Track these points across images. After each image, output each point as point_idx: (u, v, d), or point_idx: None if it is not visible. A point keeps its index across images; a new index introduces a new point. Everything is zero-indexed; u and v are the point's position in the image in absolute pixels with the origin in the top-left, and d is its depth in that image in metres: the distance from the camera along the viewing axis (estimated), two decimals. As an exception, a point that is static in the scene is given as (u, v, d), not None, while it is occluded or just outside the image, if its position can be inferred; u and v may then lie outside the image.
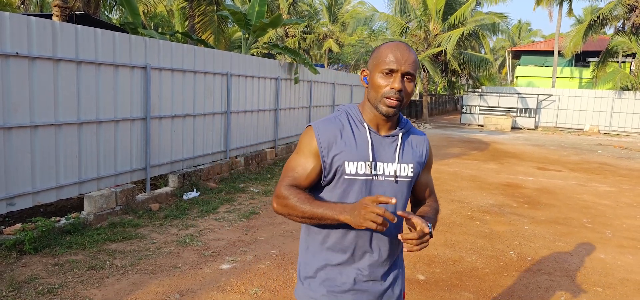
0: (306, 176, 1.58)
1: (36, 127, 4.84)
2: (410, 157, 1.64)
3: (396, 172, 1.60)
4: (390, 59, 1.51)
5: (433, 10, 22.52)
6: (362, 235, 1.60)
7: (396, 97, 1.51)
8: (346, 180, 1.56)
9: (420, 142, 1.71)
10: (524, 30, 54.29)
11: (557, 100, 23.80)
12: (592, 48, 30.28)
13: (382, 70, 1.52)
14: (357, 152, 1.56)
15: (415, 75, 1.54)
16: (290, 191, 1.54)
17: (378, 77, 1.53)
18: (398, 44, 1.55)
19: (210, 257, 4.56)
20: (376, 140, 1.60)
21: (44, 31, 4.83)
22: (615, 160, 12.93)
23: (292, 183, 1.58)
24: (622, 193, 8.47)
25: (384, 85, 1.52)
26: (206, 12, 13.59)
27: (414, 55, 1.55)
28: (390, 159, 1.60)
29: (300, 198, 1.51)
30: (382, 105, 1.53)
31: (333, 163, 1.56)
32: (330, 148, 1.56)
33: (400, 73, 1.51)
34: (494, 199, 7.53)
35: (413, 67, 1.52)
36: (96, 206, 5.30)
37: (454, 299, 3.86)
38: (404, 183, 1.63)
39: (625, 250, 5.26)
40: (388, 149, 1.61)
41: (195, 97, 7.43)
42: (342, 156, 1.55)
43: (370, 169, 1.57)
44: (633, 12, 23.90)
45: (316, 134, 1.58)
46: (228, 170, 8.38)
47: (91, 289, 3.74)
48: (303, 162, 1.59)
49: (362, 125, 1.61)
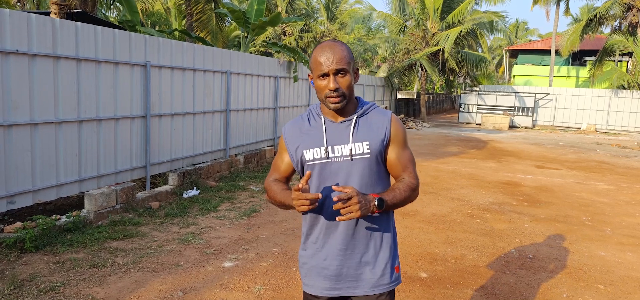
0: (282, 169, 1.91)
1: (36, 125, 4.82)
2: (366, 135, 1.75)
3: (351, 151, 1.74)
4: (320, 63, 1.67)
5: (431, 9, 22.54)
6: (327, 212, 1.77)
7: (335, 95, 1.68)
8: (308, 166, 1.77)
9: (380, 120, 1.80)
10: (521, 29, 54.40)
11: (554, 99, 23.87)
12: (589, 47, 30.39)
13: (317, 74, 1.70)
14: (313, 140, 1.78)
15: (347, 68, 1.68)
16: (271, 183, 1.88)
17: (317, 81, 1.71)
18: (324, 47, 1.69)
19: (212, 255, 4.55)
20: (331, 127, 1.78)
21: (44, 28, 4.80)
22: (613, 159, 12.98)
23: (274, 177, 1.92)
24: (620, 191, 8.50)
25: (323, 87, 1.70)
26: (204, 10, 13.55)
27: (340, 51, 1.67)
28: (344, 141, 1.75)
29: (277, 187, 1.83)
30: (328, 103, 1.71)
31: (297, 154, 1.81)
32: (293, 142, 1.83)
33: (332, 73, 1.67)
34: (494, 197, 7.55)
35: (341, 62, 1.66)
36: (96, 204, 5.28)
37: (456, 297, 3.86)
38: (362, 160, 1.74)
39: (625, 248, 5.28)
40: (343, 132, 1.76)
41: (194, 95, 7.41)
42: (302, 147, 1.79)
43: (325, 153, 1.75)
44: (630, 11, 24.00)
45: (284, 133, 1.88)
46: (228, 168, 8.36)
47: (93, 287, 3.72)
48: (279, 159, 1.93)
49: (319, 117, 1.81)
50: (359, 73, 2.66)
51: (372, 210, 1.63)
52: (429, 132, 19.29)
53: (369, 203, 1.61)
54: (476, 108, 24.77)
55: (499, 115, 23.28)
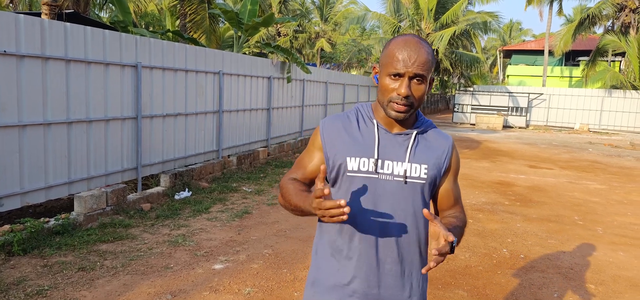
0: (309, 169, 1.56)
1: (24, 127, 4.76)
2: (425, 158, 1.49)
3: (406, 172, 1.46)
4: (397, 60, 1.39)
5: (425, 10, 22.58)
6: (365, 239, 1.47)
7: (403, 103, 1.40)
8: (348, 177, 1.47)
9: (441, 144, 1.54)
10: (515, 30, 54.67)
11: (547, 99, 23.99)
12: (582, 47, 30.59)
13: (389, 72, 1.41)
14: (360, 148, 1.47)
15: (426, 75, 1.41)
16: (289, 182, 1.53)
17: (386, 80, 1.42)
18: (407, 41, 1.41)
19: (202, 257, 4.52)
20: (385, 138, 1.49)
21: (32, 29, 4.75)
22: (606, 158, 13.05)
23: (294, 176, 1.57)
24: (612, 190, 8.54)
25: (391, 89, 1.41)
26: (198, 11, 13.50)
27: (425, 53, 1.40)
28: (399, 158, 1.47)
29: (295, 188, 1.48)
30: (390, 110, 1.43)
31: (336, 158, 1.49)
32: (333, 143, 1.51)
33: (407, 76, 1.39)
34: (487, 197, 7.56)
35: (423, 67, 1.39)
36: (86, 206, 5.23)
37: (448, 297, 3.85)
38: (415, 185, 1.47)
39: (616, 247, 5.29)
40: (398, 147, 1.49)
41: (187, 96, 7.37)
42: (344, 151, 1.48)
43: (374, 166, 1.45)
44: (622, 12, 24.17)
45: (321, 129, 1.55)
46: (220, 169, 8.32)
47: (81, 291, 3.68)
48: (307, 156, 1.58)
49: (371, 121, 1.52)
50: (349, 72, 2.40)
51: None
52: (423, 132, 19.30)
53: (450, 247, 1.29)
54: (470, 108, 24.85)
55: (493, 115, 23.36)
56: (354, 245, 1.48)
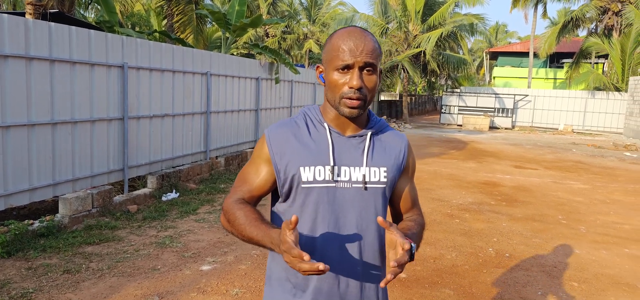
0: (257, 186, 1.38)
1: (8, 128, 4.69)
2: (383, 160, 1.39)
3: (365, 177, 1.35)
4: (344, 51, 1.26)
5: (412, 11, 22.75)
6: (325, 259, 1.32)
7: (357, 96, 1.27)
8: (303, 189, 1.32)
9: (396, 143, 1.45)
10: (501, 32, 55.36)
11: (532, 101, 24.33)
12: (566, 49, 31.10)
13: (336, 66, 1.28)
14: (314, 156, 1.33)
15: (376, 64, 1.29)
16: (236, 206, 1.32)
17: (334, 75, 1.29)
18: (351, 32, 1.29)
19: (190, 258, 4.50)
20: (339, 142, 1.36)
21: (16, 29, 4.69)
22: (589, 159, 13.28)
23: (242, 196, 1.37)
24: (595, 190, 8.70)
25: (341, 84, 1.28)
26: (185, 11, 13.44)
27: (372, 42, 1.29)
28: (356, 163, 1.35)
29: (246, 215, 1.28)
30: (342, 107, 1.30)
31: (287, 170, 1.33)
32: (283, 153, 1.34)
33: (357, 66, 1.26)
34: (473, 197, 7.64)
35: (372, 55, 1.27)
36: (71, 208, 5.17)
37: (434, 296, 3.90)
38: (376, 190, 1.36)
39: (599, 246, 5.40)
40: (354, 151, 1.36)
41: (174, 97, 7.32)
42: (296, 161, 1.32)
43: (331, 173, 1.32)
44: (605, 14, 24.63)
45: (267, 138, 1.37)
46: (208, 170, 8.29)
47: (66, 293, 3.64)
48: (253, 171, 1.40)
49: (322, 125, 1.38)
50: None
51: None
52: (411, 133, 19.45)
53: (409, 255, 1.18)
54: (457, 109, 25.09)
55: (480, 117, 23.62)
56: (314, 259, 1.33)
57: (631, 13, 21.23)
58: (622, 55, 22.74)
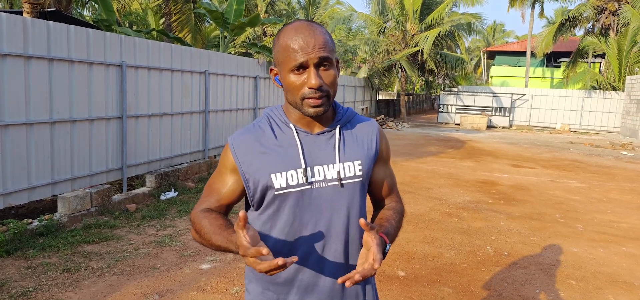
0: (223, 196, 1.32)
1: (7, 127, 4.69)
2: (356, 152, 1.33)
3: (340, 174, 1.29)
4: (295, 51, 1.19)
5: (410, 11, 22.78)
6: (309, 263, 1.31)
7: (319, 95, 1.20)
8: (277, 196, 1.27)
9: (367, 132, 1.39)
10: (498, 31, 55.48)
11: (530, 100, 24.39)
12: (563, 49, 31.20)
13: (291, 67, 1.20)
14: (284, 160, 1.27)
15: (331, 57, 1.22)
16: (202, 216, 1.27)
17: (290, 77, 1.22)
18: (298, 27, 1.21)
19: (189, 257, 4.51)
20: (307, 141, 1.30)
21: (14, 28, 4.68)
22: (586, 158, 13.33)
23: (210, 206, 1.32)
24: (592, 189, 8.74)
25: (299, 85, 1.21)
26: (183, 10, 13.41)
27: (321, 33, 1.21)
28: (329, 160, 1.29)
29: (211, 223, 1.22)
30: (306, 108, 1.23)
31: (257, 179, 1.27)
32: (250, 162, 1.28)
33: (312, 64, 1.19)
34: (471, 196, 7.67)
35: (325, 49, 1.20)
36: (70, 207, 5.17)
37: (433, 294, 3.91)
38: (353, 185, 1.31)
39: (596, 244, 5.43)
40: (325, 148, 1.30)
41: (172, 96, 7.32)
42: (266, 168, 1.26)
43: (304, 176, 1.26)
44: (602, 14, 24.72)
45: (231, 147, 1.30)
46: (207, 169, 8.29)
47: (66, 292, 3.64)
48: (219, 181, 1.34)
49: (288, 126, 1.31)
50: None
51: None
52: (409, 132, 19.48)
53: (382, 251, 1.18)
54: (455, 108, 25.13)
55: (477, 116, 23.67)
56: (292, 274, 1.31)
57: (628, 12, 21.31)
58: (619, 55, 22.83)
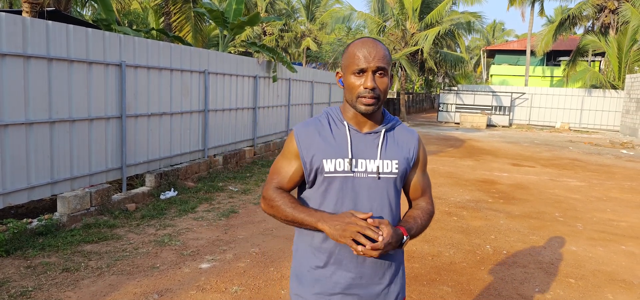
0: (289, 178, 1.63)
1: (6, 127, 4.69)
2: (394, 153, 1.61)
3: (379, 168, 1.57)
4: (359, 58, 1.51)
5: (410, 9, 22.76)
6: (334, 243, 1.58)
7: (371, 95, 1.51)
8: (326, 178, 1.56)
9: (408, 139, 1.68)
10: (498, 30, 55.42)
11: (529, 99, 24.39)
12: (563, 47, 31.18)
13: (353, 70, 1.52)
14: (335, 150, 1.57)
15: (387, 68, 1.53)
16: (277, 193, 1.60)
17: (351, 78, 1.54)
18: (365, 41, 1.54)
19: (189, 256, 4.51)
20: (356, 138, 1.59)
21: (13, 27, 4.67)
22: (585, 156, 13.33)
23: (278, 185, 1.63)
24: (592, 188, 8.74)
25: (357, 86, 1.53)
26: (183, 10, 13.40)
27: (382, 49, 1.53)
28: (371, 156, 1.58)
29: (285, 201, 1.57)
30: (359, 105, 1.53)
31: (313, 162, 1.57)
32: (309, 148, 1.58)
33: (371, 70, 1.51)
34: (471, 195, 7.67)
35: (383, 61, 1.51)
36: (70, 207, 5.17)
37: (433, 293, 3.92)
38: (388, 179, 1.59)
39: (596, 243, 5.43)
40: (370, 145, 1.59)
41: (172, 95, 7.32)
42: (320, 154, 1.56)
43: (350, 165, 1.55)
44: (602, 12, 24.69)
45: (296, 136, 1.62)
46: (206, 169, 8.29)
47: (66, 291, 3.64)
48: (286, 164, 1.65)
49: (342, 123, 1.61)
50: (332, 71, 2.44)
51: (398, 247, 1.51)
52: (409, 131, 19.45)
53: (397, 242, 1.47)
54: (455, 107, 25.13)
55: (477, 115, 23.67)
56: (332, 247, 1.59)
57: (628, 11, 21.30)
58: (619, 53, 22.82)
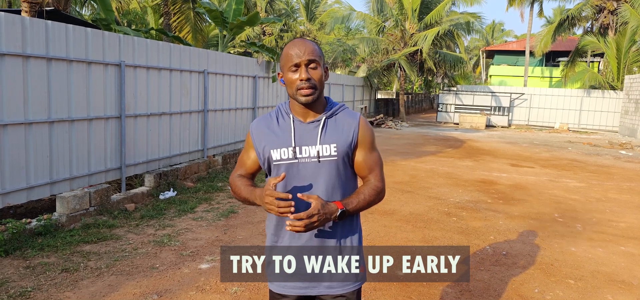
0: (248, 167, 1.92)
1: (5, 126, 4.68)
2: (333, 138, 1.77)
3: (318, 153, 1.76)
4: (291, 56, 1.71)
5: (409, 10, 22.77)
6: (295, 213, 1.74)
7: (307, 86, 1.69)
8: (275, 166, 1.79)
9: (348, 122, 1.82)
10: (497, 30, 55.45)
11: (529, 99, 24.40)
12: (562, 48, 31.21)
13: (289, 67, 1.72)
14: (280, 140, 1.78)
15: (318, 60, 1.72)
16: (236, 179, 1.90)
17: (288, 74, 1.73)
18: (295, 41, 1.75)
19: (188, 256, 4.50)
20: (300, 127, 1.78)
21: (13, 27, 4.67)
22: (584, 157, 13.34)
23: (240, 173, 1.93)
24: (591, 188, 8.75)
25: (294, 79, 1.71)
26: (182, 9, 13.39)
27: (311, 45, 1.72)
28: (312, 142, 1.76)
29: (241, 184, 1.85)
30: (299, 97, 1.72)
31: (264, 152, 1.81)
32: (261, 141, 1.82)
33: (303, 64, 1.69)
34: (470, 195, 7.67)
35: (313, 54, 1.71)
36: (69, 207, 5.16)
37: (432, 294, 3.92)
38: (330, 162, 1.76)
39: (595, 244, 5.43)
40: (311, 133, 1.78)
41: (171, 95, 7.31)
42: (269, 145, 1.79)
43: (293, 153, 1.76)
44: (601, 13, 24.73)
45: (251, 131, 1.88)
46: (206, 169, 8.28)
47: (65, 292, 3.64)
48: (245, 156, 1.93)
49: (288, 115, 1.82)
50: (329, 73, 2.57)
51: (332, 220, 1.70)
52: (408, 131, 19.49)
53: (330, 215, 1.68)
54: (454, 108, 25.13)
55: (476, 115, 23.68)
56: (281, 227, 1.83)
57: (626, 12, 21.32)
58: (618, 54, 22.85)
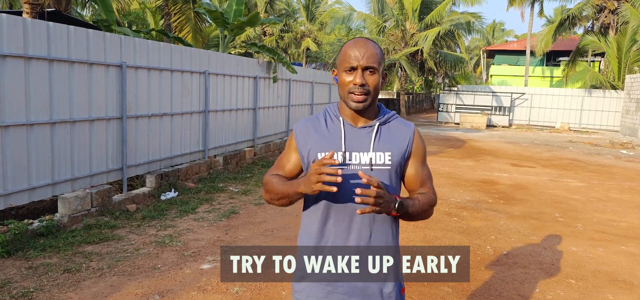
0: (289, 169, 1.76)
1: (7, 128, 4.69)
2: (388, 146, 1.66)
3: (371, 160, 1.64)
4: (350, 57, 1.60)
5: (410, 10, 22.78)
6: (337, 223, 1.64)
7: (360, 92, 1.59)
8: None
9: (403, 131, 1.72)
10: (498, 30, 55.42)
11: (529, 99, 24.39)
12: (563, 48, 31.19)
13: (344, 68, 1.61)
14: (329, 143, 1.65)
15: (376, 67, 1.60)
16: (271, 176, 1.74)
17: (343, 75, 1.62)
18: (356, 41, 1.63)
19: (190, 257, 4.52)
20: (350, 132, 1.67)
21: (14, 28, 4.68)
22: (585, 157, 13.34)
23: (275, 172, 1.78)
24: (592, 188, 8.75)
25: (348, 82, 1.61)
26: (183, 10, 13.41)
27: (373, 48, 1.60)
28: (365, 148, 1.65)
29: (277, 181, 1.70)
30: (349, 101, 1.62)
31: (309, 155, 1.67)
32: (306, 142, 1.70)
33: (360, 68, 1.59)
34: (471, 195, 7.68)
35: (373, 59, 1.59)
36: (70, 208, 5.18)
37: (433, 294, 3.93)
38: (381, 171, 1.64)
39: (596, 243, 5.44)
40: (363, 139, 1.66)
41: (172, 96, 7.32)
42: (315, 148, 1.66)
43: (343, 158, 1.63)
44: (602, 13, 24.72)
45: (295, 132, 1.75)
46: (207, 169, 8.29)
47: (67, 292, 3.65)
48: (285, 158, 1.79)
49: (338, 119, 1.70)
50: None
51: (391, 210, 1.54)
52: (409, 131, 19.45)
53: (390, 203, 1.52)
54: (455, 107, 25.13)
55: (477, 115, 23.67)
56: (328, 229, 1.66)
57: (627, 11, 21.31)
58: (619, 54, 22.83)
